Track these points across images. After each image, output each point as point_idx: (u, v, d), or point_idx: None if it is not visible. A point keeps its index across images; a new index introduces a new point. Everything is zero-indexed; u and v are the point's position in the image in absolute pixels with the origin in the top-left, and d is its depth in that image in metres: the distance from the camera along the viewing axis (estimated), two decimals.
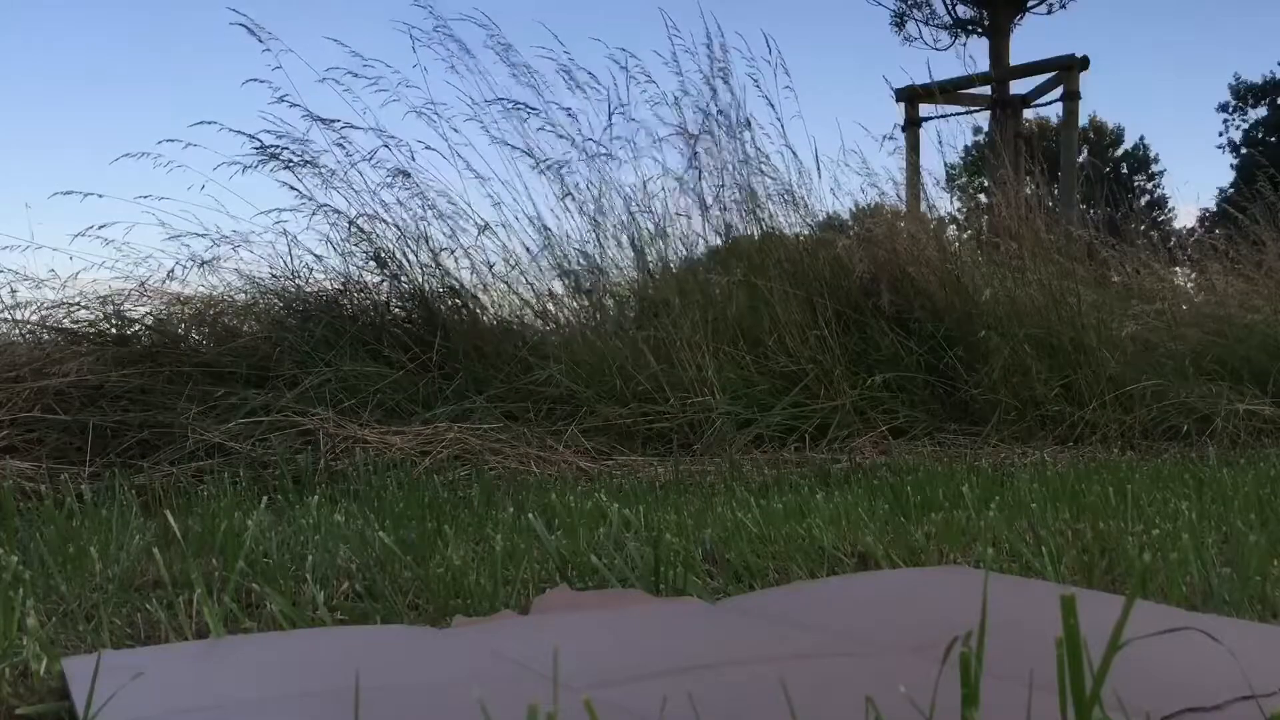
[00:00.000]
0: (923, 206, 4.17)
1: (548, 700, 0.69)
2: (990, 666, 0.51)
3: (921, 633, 0.88)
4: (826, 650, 0.84)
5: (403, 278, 3.27)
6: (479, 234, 3.37)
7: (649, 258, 3.50)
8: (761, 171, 3.64)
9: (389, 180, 3.31)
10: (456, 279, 3.32)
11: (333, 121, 3.26)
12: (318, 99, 3.29)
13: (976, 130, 6.77)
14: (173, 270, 3.22)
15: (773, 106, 3.64)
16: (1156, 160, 22.95)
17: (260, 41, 3.22)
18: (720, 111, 3.63)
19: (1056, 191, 5.63)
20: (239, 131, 3.23)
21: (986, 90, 6.81)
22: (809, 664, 0.81)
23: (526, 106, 3.44)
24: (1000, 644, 0.57)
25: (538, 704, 0.42)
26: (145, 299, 3.14)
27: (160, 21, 27.79)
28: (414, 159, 3.34)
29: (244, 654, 0.90)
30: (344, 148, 3.28)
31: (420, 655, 0.84)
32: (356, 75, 3.26)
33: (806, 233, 3.72)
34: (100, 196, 3.14)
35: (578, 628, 0.73)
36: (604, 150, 3.50)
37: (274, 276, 3.29)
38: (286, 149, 3.25)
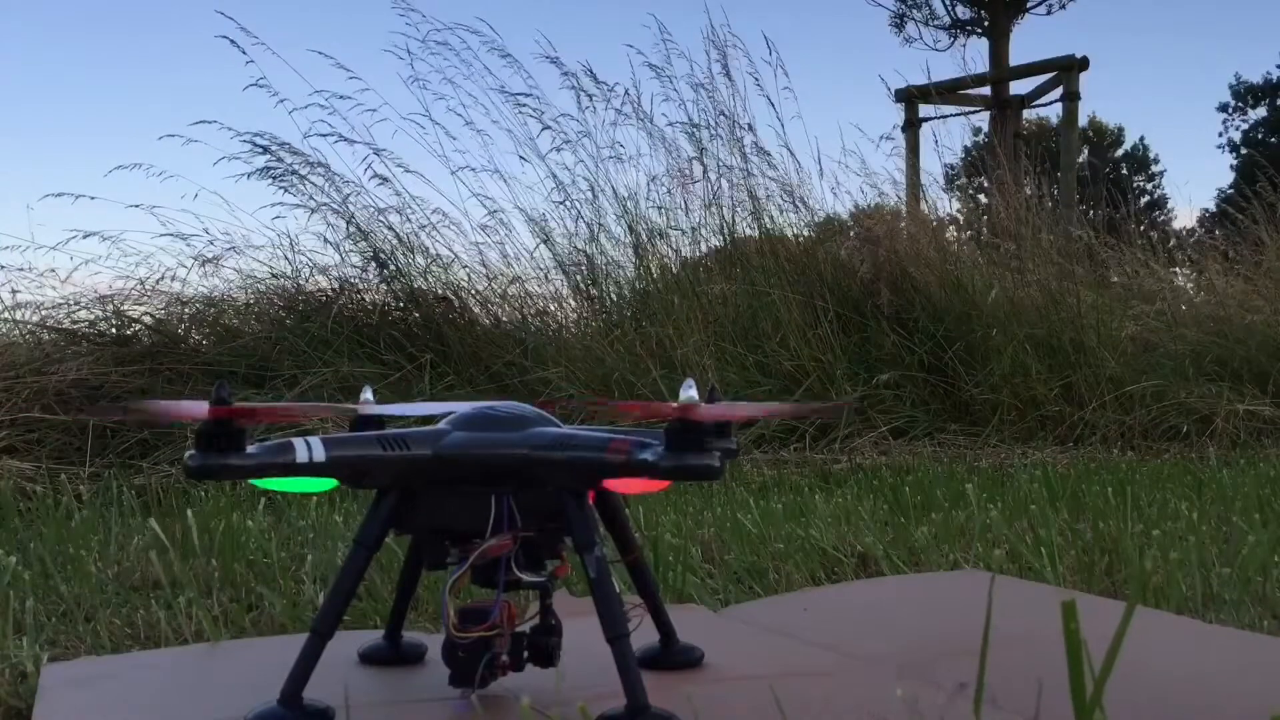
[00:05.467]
0: (923, 207, 4.17)
1: (540, 710, 0.69)
2: (988, 682, 0.51)
3: (919, 649, 0.88)
4: (817, 668, 0.83)
5: (400, 279, 3.28)
6: (480, 223, 3.39)
7: (649, 258, 3.50)
8: (762, 172, 3.64)
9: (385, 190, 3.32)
10: (454, 279, 3.33)
11: (327, 135, 3.28)
12: (311, 113, 3.30)
13: (976, 131, 6.77)
14: (174, 271, 3.23)
15: (774, 106, 3.65)
16: (1156, 160, 22.96)
17: (244, 53, 3.23)
18: (722, 113, 3.63)
19: (1056, 192, 5.63)
20: (237, 131, 3.25)
21: (986, 91, 6.81)
22: (798, 681, 0.81)
23: (525, 94, 3.45)
24: (998, 659, 0.57)
25: (527, 704, 0.42)
26: (145, 299, 3.15)
27: (159, 26, 27.81)
28: (407, 170, 3.35)
29: (229, 660, 0.90)
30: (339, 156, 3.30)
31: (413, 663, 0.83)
32: (347, 98, 3.28)
33: (807, 233, 3.73)
34: (92, 199, 3.16)
35: (574, 635, 0.73)
36: (606, 149, 3.51)
37: (274, 276, 3.29)
38: (281, 161, 3.26)
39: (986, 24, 12.31)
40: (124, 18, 28.49)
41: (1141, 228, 4.73)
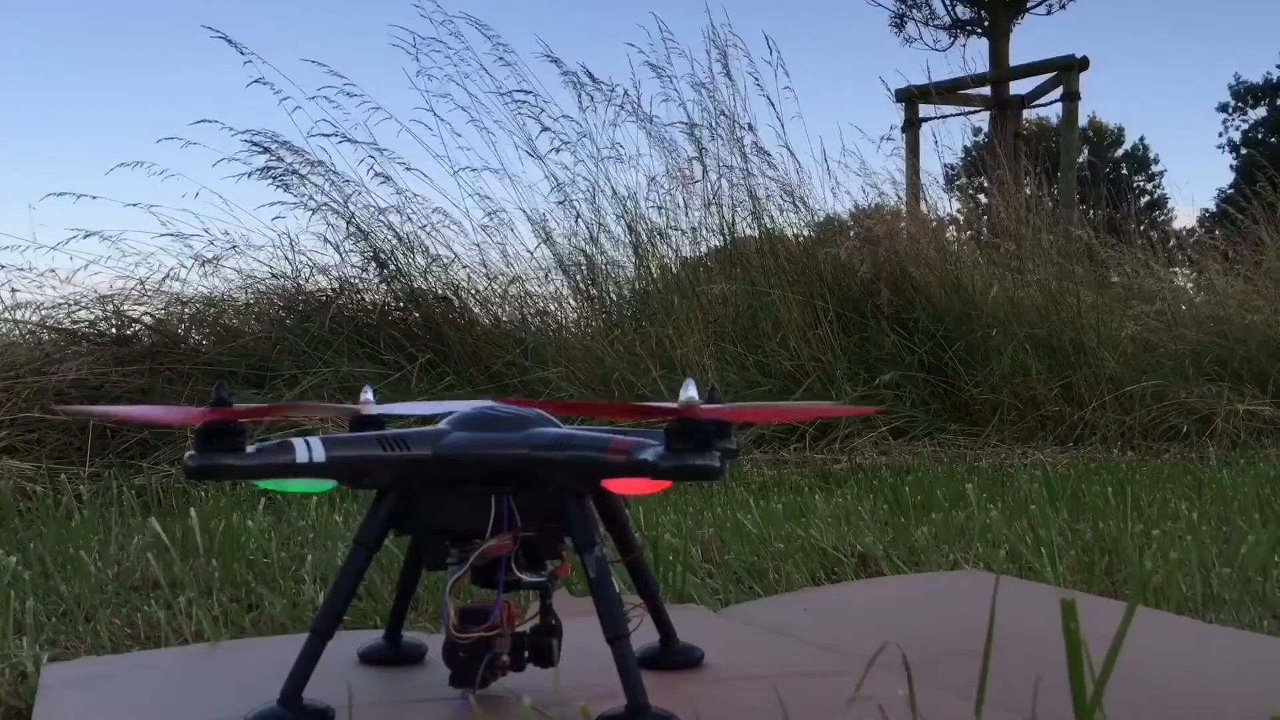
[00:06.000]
0: (923, 207, 4.17)
1: (540, 710, 0.69)
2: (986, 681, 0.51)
3: (919, 649, 0.88)
4: (818, 668, 0.83)
5: (400, 279, 3.28)
6: (478, 226, 3.39)
7: (649, 258, 3.50)
8: (761, 172, 3.64)
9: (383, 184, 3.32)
10: (454, 279, 3.33)
11: (329, 135, 3.28)
12: (312, 113, 3.32)
13: (976, 131, 6.77)
14: (174, 271, 3.23)
15: (774, 106, 3.65)
16: (1156, 160, 22.96)
17: (242, 54, 3.23)
18: (722, 113, 3.64)
19: (1056, 192, 5.63)
20: (237, 131, 3.25)
21: (986, 91, 6.82)
22: (798, 681, 0.81)
23: (524, 92, 3.45)
24: (998, 659, 0.57)
25: (529, 705, 0.42)
26: (145, 299, 3.15)
27: (159, 26, 27.83)
28: (409, 168, 3.36)
29: (229, 660, 0.90)
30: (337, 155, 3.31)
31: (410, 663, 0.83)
32: (350, 95, 3.29)
33: (807, 233, 3.73)
34: (94, 198, 3.16)
35: (574, 635, 0.73)
36: (606, 149, 3.51)
37: (274, 276, 3.30)
38: (281, 160, 3.27)
39: (986, 24, 12.31)
40: (124, 18, 28.50)
41: (1141, 228, 4.72)
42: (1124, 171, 22.74)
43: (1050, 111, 9.11)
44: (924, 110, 5.53)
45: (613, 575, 0.66)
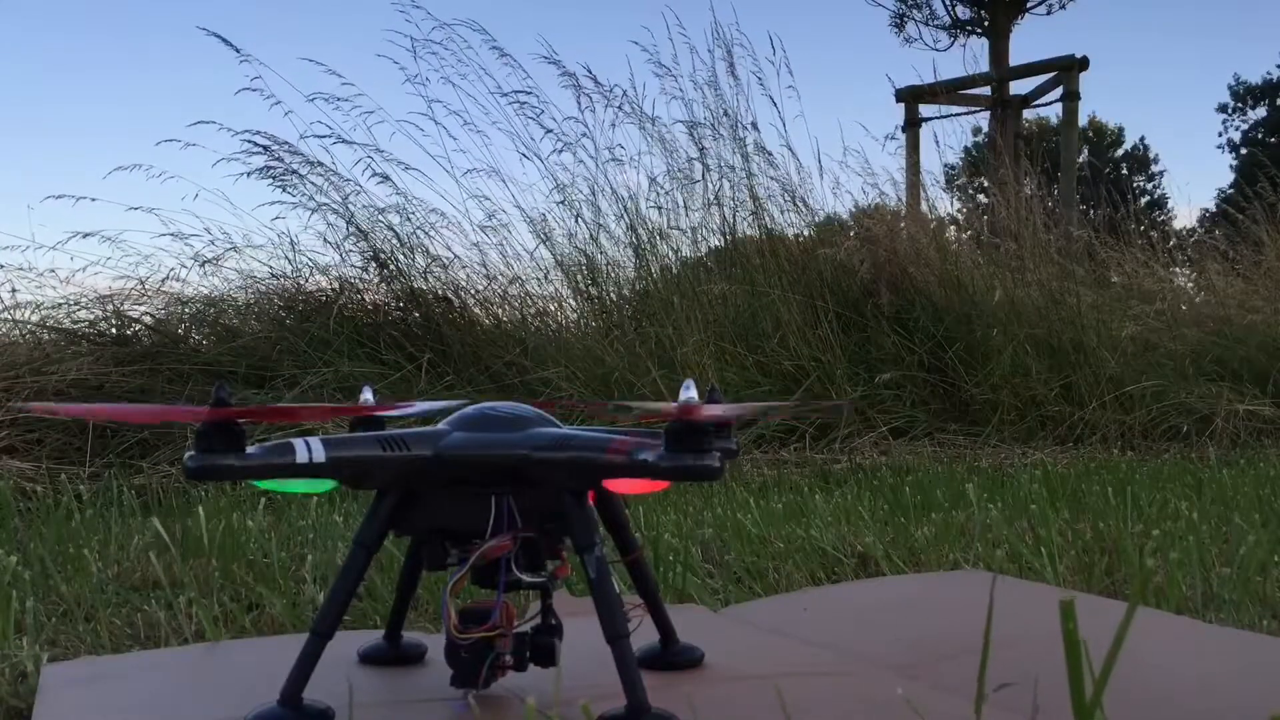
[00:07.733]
0: (923, 207, 4.17)
1: (540, 710, 0.69)
2: (985, 681, 0.51)
3: (919, 649, 0.88)
4: (818, 668, 0.83)
5: (400, 279, 3.28)
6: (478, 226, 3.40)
7: (650, 258, 3.50)
8: (763, 172, 3.64)
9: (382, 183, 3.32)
10: (454, 279, 3.33)
11: (325, 137, 3.28)
12: (307, 114, 3.32)
13: (976, 130, 6.77)
14: (174, 271, 3.23)
15: (776, 106, 3.65)
16: (1156, 160, 22.94)
17: (237, 52, 3.23)
18: (725, 112, 3.64)
19: (1056, 192, 5.63)
20: (235, 131, 3.25)
21: (986, 90, 6.82)
22: (798, 681, 0.81)
23: (524, 93, 3.45)
24: (998, 659, 0.57)
25: (532, 704, 0.42)
26: (145, 299, 3.15)
27: (159, 27, 27.84)
28: (408, 168, 3.36)
29: (229, 660, 0.90)
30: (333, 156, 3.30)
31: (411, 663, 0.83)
32: (346, 99, 3.28)
33: (807, 233, 3.73)
34: (92, 200, 3.16)
35: (574, 635, 0.73)
36: (606, 149, 3.51)
37: (274, 276, 3.30)
38: (280, 160, 3.27)
39: (986, 24, 12.31)
40: (124, 18, 28.51)
41: (1141, 228, 4.72)
42: (1124, 171, 22.72)
43: (1050, 111, 9.12)
44: (925, 110, 5.54)
45: (613, 575, 0.66)
